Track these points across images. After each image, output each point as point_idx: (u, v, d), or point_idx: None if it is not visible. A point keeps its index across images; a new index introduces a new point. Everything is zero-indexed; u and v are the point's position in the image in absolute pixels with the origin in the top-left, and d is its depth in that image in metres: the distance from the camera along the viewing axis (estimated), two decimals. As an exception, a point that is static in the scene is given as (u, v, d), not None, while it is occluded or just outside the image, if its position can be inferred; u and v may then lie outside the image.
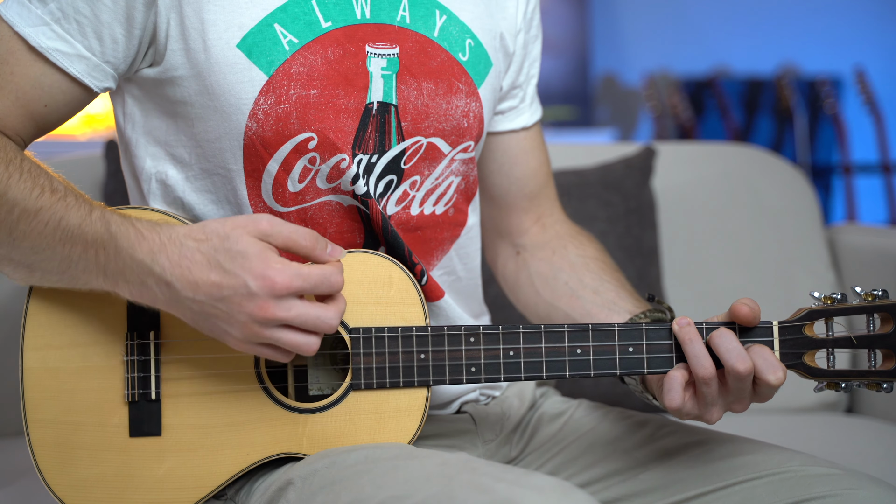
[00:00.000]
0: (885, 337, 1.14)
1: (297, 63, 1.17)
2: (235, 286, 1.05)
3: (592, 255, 1.39)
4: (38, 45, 1.12)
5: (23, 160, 1.11)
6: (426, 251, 1.28)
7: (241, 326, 1.06)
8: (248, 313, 1.05)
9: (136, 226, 1.09)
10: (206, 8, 1.15)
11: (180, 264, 1.06)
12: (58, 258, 1.09)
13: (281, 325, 1.07)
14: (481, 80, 1.29)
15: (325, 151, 1.19)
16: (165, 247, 1.07)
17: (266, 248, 1.07)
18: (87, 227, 1.08)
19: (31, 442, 1.16)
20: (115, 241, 1.08)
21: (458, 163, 1.29)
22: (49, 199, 1.08)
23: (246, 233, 1.07)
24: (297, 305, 1.06)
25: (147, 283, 1.08)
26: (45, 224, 1.08)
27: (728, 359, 1.11)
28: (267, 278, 1.05)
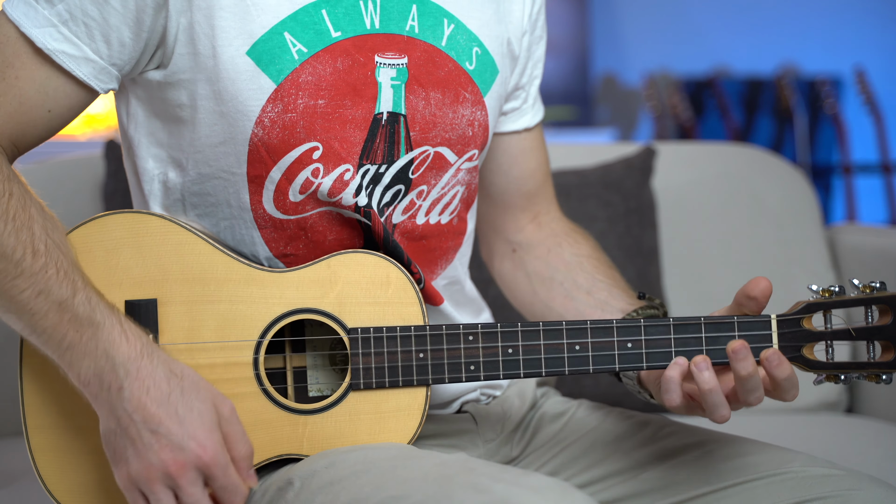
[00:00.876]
0: (884, 328, 1.14)
1: (306, 72, 1.17)
2: (173, 432, 1.06)
3: (587, 252, 1.40)
4: (44, 46, 1.12)
5: (10, 198, 1.08)
6: (430, 260, 1.28)
7: (144, 465, 1.07)
8: (162, 460, 1.06)
9: (123, 325, 1.09)
10: (217, 14, 1.15)
11: (143, 382, 1.07)
12: (23, 323, 1.09)
13: (174, 490, 1.07)
14: (487, 88, 1.29)
15: (329, 162, 1.18)
16: (141, 358, 1.08)
17: (218, 423, 1.09)
18: (68, 307, 1.07)
19: (31, 447, 1.15)
20: (97, 330, 1.08)
21: (464, 172, 1.29)
22: (30, 264, 1.07)
23: (212, 401, 1.09)
24: (200, 489, 1.08)
25: (101, 377, 1.08)
26: (22, 291, 1.07)
27: (745, 398, 1.12)
28: (203, 446, 1.06)
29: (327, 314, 1.17)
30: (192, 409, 1.07)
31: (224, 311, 1.16)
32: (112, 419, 1.08)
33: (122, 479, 1.09)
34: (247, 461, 1.11)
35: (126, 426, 1.07)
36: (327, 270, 1.17)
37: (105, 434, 1.09)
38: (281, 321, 1.16)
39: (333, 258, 1.18)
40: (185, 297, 1.16)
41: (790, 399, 1.13)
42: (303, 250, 1.21)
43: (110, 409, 1.08)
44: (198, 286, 1.16)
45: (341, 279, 1.17)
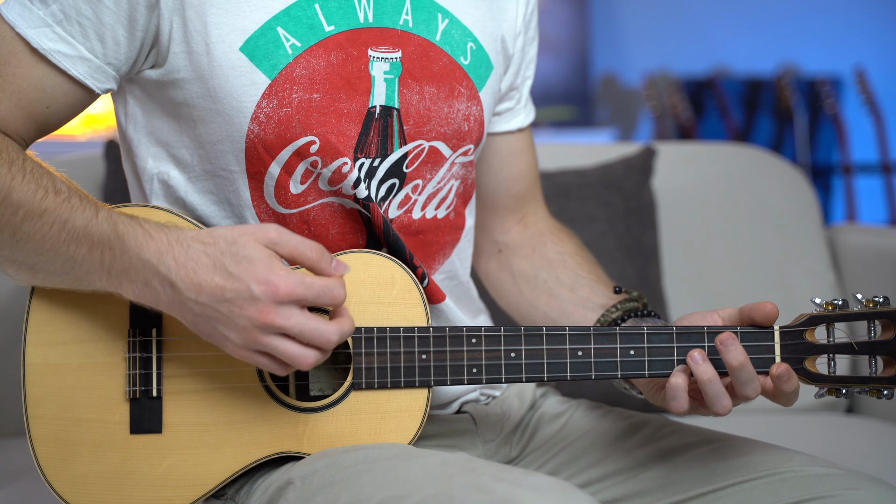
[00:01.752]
0: (886, 343, 1.14)
1: (300, 67, 1.17)
2: (239, 290, 1.05)
3: (570, 250, 1.40)
4: (39, 46, 1.12)
5: (25, 160, 1.11)
6: (428, 255, 1.28)
7: (240, 331, 1.06)
8: (249, 317, 1.05)
9: (144, 226, 1.09)
10: (209, 11, 1.15)
11: (186, 265, 1.06)
12: (62, 259, 1.09)
13: (280, 333, 1.06)
14: (482, 83, 1.29)
15: (327, 155, 1.19)
16: (172, 247, 1.07)
17: (272, 255, 1.07)
18: (93, 227, 1.08)
19: (31, 438, 1.16)
20: (122, 240, 1.08)
21: (459, 166, 1.29)
22: (53, 200, 1.08)
23: (253, 239, 1.07)
24: (298, 314, 1.06)
25: (151, 283, 1.08)
26: (50, 226, 1.08)
27: (742, 391, 1.13)
28: (270, 283, 1.05)
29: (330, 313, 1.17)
30: (241, 259, 1.06)
31: (228, 307, 1.16)
32: (187, 312, 1.08)
33: (235, 353, 1.09)
34: (323, 259, 1.09)
35: (202, 311, 1.07)
36: (331, 269, 1.17)
37: (193, 328, 1.10)
38: (284, 319, 1.16)
39: (338, 257, 1.18)
40: (189, 293, 1.16)
41: (788, 405, 1.16)
42: (306, 245, 1.21)
43: (180, 304, 1.08)
44: (201, 283, 1.16)
45: (346, 278, 1.17)
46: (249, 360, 1.09)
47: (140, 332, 1.16)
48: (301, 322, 1.06)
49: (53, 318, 1.16)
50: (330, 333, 1.07)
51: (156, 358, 1.16)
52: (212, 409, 1.17)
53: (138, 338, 1.16)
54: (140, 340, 1.16)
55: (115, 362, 1.16)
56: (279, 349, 1.07)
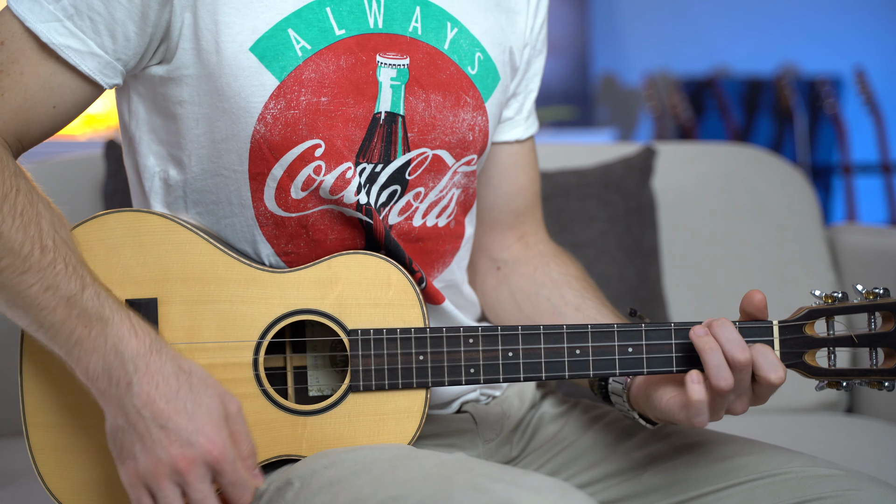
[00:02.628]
0: (887, 335, 1.14)
1: (309, 69, 1.17)
2: (182, 427, 1.06)
3: (574, 273, 1.39)
4: (49, 41, 1.11)
5: (18, 193, 1.09)
6: (427, 262, 1.28)
7: (152, 461, 1.06)
8: (171, 455, 1.06)
9: (132, 320, 1.09)
10: (220, 10, 1.15)
11: (153, 377, 1.07)
12: (31, 319, 1.09)
13: (181, 486, 1.07)
14: (489, 94, 1.29)
15: (332, 160, 1.18)
16: (150, 354, 1.08)
17: (225, 419, 1.09)
18: (76, 302, 1.07)
19: (31, 446, 1.16)
20: (105, 325, 1.08)
21: (461, 175, 1.28)
22: (39, 259, 1.07)
23: (220, 399, 1.09)
24: (208, 485, 1.08)
25: (110, 372, 1.07)
26: (30, 286, 1.07)
27: (728, 348, 1.11)
28: (212, 441, 1.06)
29: (327, 315, 1.16)
30: (201, 404, 1.07)
31: (224, 312, 1.16)
32: (120, 415, 1.08)
33: (128, 475, 1.09)
34: (251, 460, 1.11)
35: (134, 422, 1.07)
36: (328, 271, 1.17)
37: (111, 431, 1.09)
38: (281, 322, 1.16)
39: (335, 259, 1.18)
40: (186, 296, 1.16)
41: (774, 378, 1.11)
42: (304, 249, 1.21)
43: (118, 405, 1.08)
44: (198, 286, 1.16)
45: (342, 280, 1.17)
46: (133, 491, 1.09)
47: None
48: (206, 492, 1.07)
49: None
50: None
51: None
52: (210, 411, 1.16)
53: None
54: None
55: (112, 365, 1.16)
56: (169, 499, 1.07)
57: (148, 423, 1.06)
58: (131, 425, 1.07)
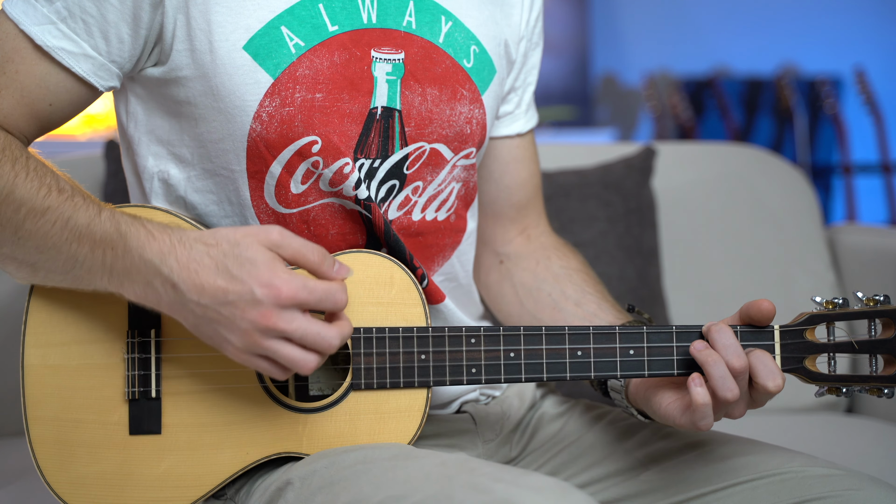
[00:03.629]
0: (887, 342, 1.14)
1: (303, 66, 1.17)
2: (241, 292, 1.05)
3: (576, 267, 1.39)
4: (43, 43, 1.12)
5: (28, 158, 1.10)
6: (427, 257, 1.28)
7: (241, 334, 1.06)
8: (251, 320, 1.05)
9: (147, 226, 1.09)
10: (212, 9, 1.15)
11: (188, 267, 1.06)
12: (63, 257, 1.09)
13: (281, 336, 1.06)
14: (485, 86, 1.29)
15: (329, 156, 1.19)
16: (175, 248, 1.07)
17: (274, 257, 1.07)
18: (95, 226, 1.08)
19: (30, 439, 1.16)
20: (125, 240, 1.08)
21: (460, 169, 1.29)
22: (56, 198, 1.08)
23: (256, 241, 1.07)
24: (300, 318, 1.06)
25: (153, 284, 1.08)
26: (53, 223, 1.08)
27: (725, 354, 1.11)
28: (273, 286, 1.05)
29: (329, 314, 1.17)
30: (243, 262, 1.06)
31: (226, 309, 1.15)
32: (189, 314, 1.08)
33: (235, 356, 1.08)
34: (325, 262, 1.09)
35: (202, 313, 1.07)
36: (330, 270, 1.17)
37: (194, 330, 1.09)
38: (282, 320, 1.16)
39: (338, 258, 1.18)
40: (187, 294, 1.15)
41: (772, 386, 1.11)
42: (305, 245, 1.21)
43: (181, 306, 1.08)
44: (200, 283, 1.16)
45: (344, 278, 1.17)
46: (250, 363, 1.08)
47: (139, 333, 1.16)
48: (303, 326, 1.05)
49: (52, 319, 1.16)
50: (332, 338, 1.06)
51: (154, 359, 1.16)
52: (211, 410, 1.16)
53: (137, 339, 1.16)
54: (139, 341, 1.16)
55: (113, 363, 1.16)
56: (280, 353, 1.06)
57: (212, 307, 1.06)
58: (203, 317, 1.07)
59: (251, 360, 1.08)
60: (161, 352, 1.17)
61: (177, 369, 1.17)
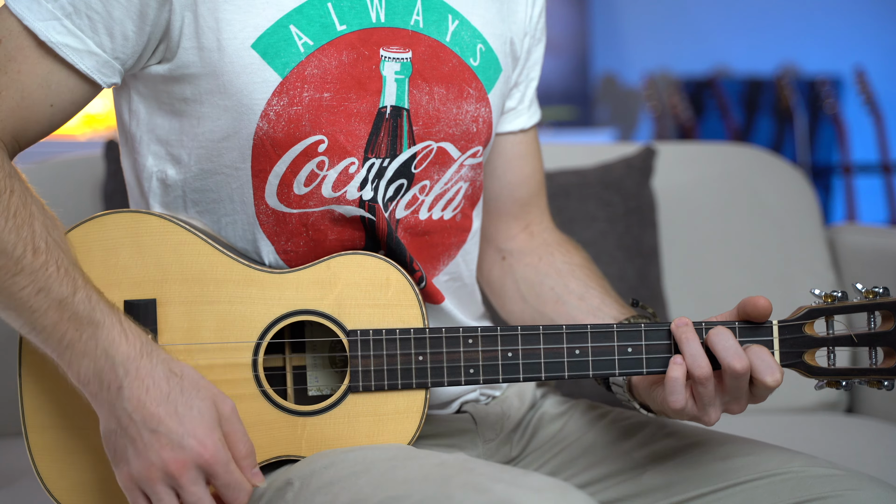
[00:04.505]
0: (886, 335, 1.14)
1: (312, 65, 1.17)
2: (173, 430, 1.06)
3: (579, 262, 1.39)
4: (47, 39, 1.11)
5: (11, 195, 1.08)
6: (432, 256, 1.28)
7: (144, 465, 1.07)
8: (163, 459, 1.06)
9: (123, 324, 1.09)
10: (221, 7, 1.15)
11: (143, 381, 1.07)
12: (24, 320, 1.09)
13: (175, 489, 1.07)
14: (491, 85, 1.29)
15: (335, 155, 1.18)
16: (141, 358, 1.08)
17: (218, 421, 1.09)
18: (67, 304, 1.07)
19: (30, 447, 1.15)
20: (96, 329, 1.07)
21: (467, 168, 1.29)
22: (31, 262, 1.07)
23: (213, 401, 1.09)
24: (203, 486, 1.08)
25: (101, 377, 1.07)
26: (22, 288, 1.07)
27: (725, 357, 1.11)
28: (203, 444, 1.06)
29: (326, 316, 1.16)
30: (192, 407, 1.07)
31: (223, 312, 1.16)
32: (112, 419, 1.08)
33: (123, 478, 1.09)
34: (249, 460, 1.11)
35: (126, 426, 1.07)
36: (327, 272, 1.17)
37: (105, 434, 1.09)
38: (280, 322, 1.16)
39: (333, 259, 1.18)
40: (185, 297, 1.15)
41: (770, 380, 1.11)
42: (303, 247, 1.21)
43: (110, 409, 1.08)
44: (197, 286, 1.16)
45: (341, 280, 1.17)
46: (127, 492, 1.09)
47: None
48: (200, 493, 1.07)
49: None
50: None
51: (153, 361, 1.16)
52: (209, 412, 1.16)
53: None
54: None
55: (111, 366, 1.16)
56: (164, 501, 1.07)
57: (139, 426, 1.06)
58: (123, 429, 1.07)
59: (132, 490, 1.09)
60: (159, 354, 1.16)
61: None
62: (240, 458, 1.10)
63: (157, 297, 1.15)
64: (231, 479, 1.08)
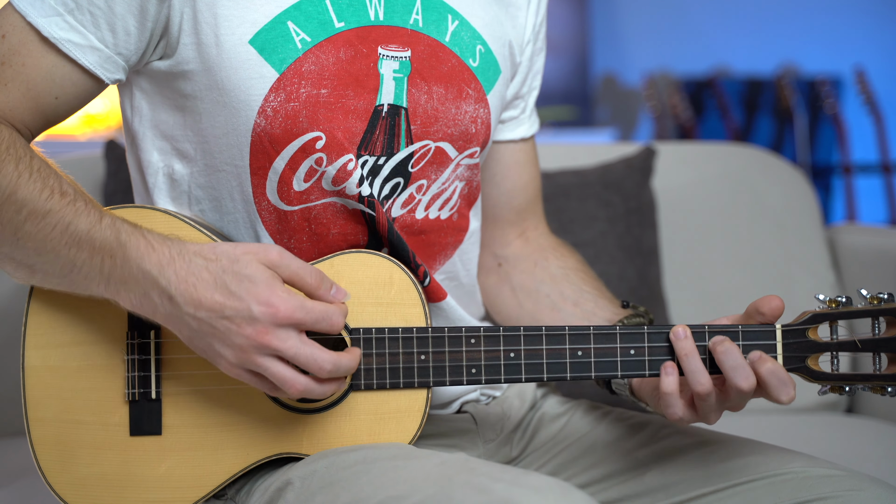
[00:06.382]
0: (891, 341, 1.14)
1: (309, 62, 1.17)
2: (238, 308, 1.05)
3: (573, 266, 1.40)
4: (50, 35, 1.12)
5: (32, 158, 1.11)
6: (429, 255, 1.28)
7: (236, 349, 1.06)
8: (246, 336, 1.06)
9: (147, 237, 1.09)
10: (219, 3, 1.15)
11: (186, 280, 1.06)
12: (61, 262, 1.09)
13: (274, 354, 1.07)
14: (490, 86, 1.29)
15: (333, 152, 1.19)
16: (174, 261, 1.07)
17: (273, 276, 1.07)
18: (95, 233, 1.08)
19: (31, 440, 1.16)
20: (125, 249, 1.08)
21: (464, 168, 1.29)
22: (58, 202, 1.08)
23: (256, 259, 1.07)
24: (294, 338, 1.06)
25: (150, 295, 1.08)
26: (53, 227, 1.08)
27: (732, 377, 1.11)
28: (271, 305, 1.05)
29: (329, 314, 1.16)
30: (242, 278, 1.06)
31: (226, 310, 1.15)
32: (184, 326, 1.08)
33: (228, 370, 1.09)
34: (323, 285, 1.10)
35: (198, 327, 1.07)
36: (330, 270, 1.17)
37: (189, 343, 1.10)
38: (282, 320, 1.16)
39: (337, 257, 1.18)
40: (188, 294, 1.15)
41: (785, 399, 1.11)
42: (306, 243, 1.21)
43: (177, 318, 1.08)
44: (200, 284, 1.15)
45: (344, 278, 1.17)
46: (241, 377, 1.09)
47: (139, 335, 1.16)
48: (297, 346, 1.06)
49: (52, 320, 1.16)
50: (324, 361, 1.07)
51: (154, 360, 1.16)
52: (211, 411, 1.16)
53: (137, 340, 1.16)
54: (139, 343, 1.16)
55: (114, 364, 1.16)
56: (271, 370, 1.07)
57: (210, 320, 1.06)
58: (198, 331, 1.07)
59: (243, 374, 1.08)
60: (161, 353, 1.16)
61: (177, 370, 1.17)
62: (313, 290, 1.09)
63: (161, 295, 1.15)
64: (316, 315, 1.07)
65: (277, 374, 1.07)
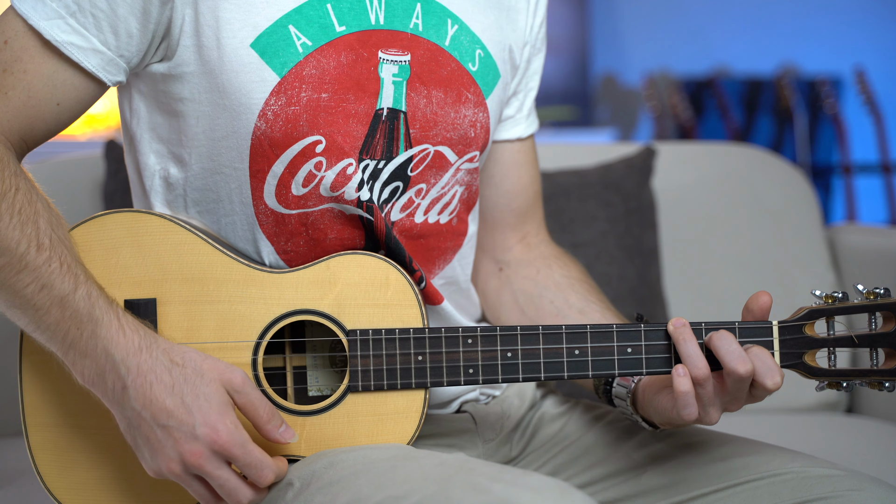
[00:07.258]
0: (888, 336, 1.14)
1: (310, 66, 1.17)
2: (184, 422, 1.06)
3: (577, 276, 1.39)
4: (52, 38, 1.12)
5: (17, 192, 1.09)
6: (428, 259, 1.28)
7: (165, 459, 1.08)
8: (180, 452, 1.07)
9: (122, 318, 1.09)
10: (221, 6, 1.15)
11: (146, 375, 1.07)
12: (28, 318, 1.09)
13: (200, 476, 1.08)
14: (489, 90, 1.29)
15: (332, 156, 1.18)
16: (141, 352, 1.08)
17: (228, 403, 1.09)
18: (69, 301, 1.08)
19: (30, 445, 1.16)
20: (95, 325, 1.08)
21: (464, 172, 1.29)
22: (35, 258, 1.07)
23: (220, 379, 1.09)
24: (225, 469, 1.08)
25: (105, 377, 1.08)
26: (26, 285, 1.07)
27: (728, 361, 1.11)
28: (215, 430, 1.06)
29: (326, 315, 1.16)
30: (199, 394, 1.07)
31: (223, 312, 1.16)
32: (124, 418, 1.09)
33: (150, 472, 1.10)
34: (273, 422, 1.10)
35: (138, 424, 1.08)
36: (327, 271, 1.17)
37: (123, 431, 1.10)
38: (280, 322, 1.16)
39: (333, 259, 1.18)
40: (184, 297, 1.15)
41: (770, 384, 1.10)
42: (303, 247, 1.21)
43: (120, 408, 1.08)
44: (197, 286, 1.16)
45: (340, 280, 1.17)
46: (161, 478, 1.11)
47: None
48: (225, 478, 1.08)
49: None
50: (244, 498, 1.09)
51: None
52: (209, 411, 1.16)
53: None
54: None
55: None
56: (193, 487, 1.09)
57: (150, 423, 1.07)
58: (136, 427, 1.08)
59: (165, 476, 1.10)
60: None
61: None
62: (263, 424, 1.10)
63: (158, 297, 1.15)
64: (251, 460, 1.08)
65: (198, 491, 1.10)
